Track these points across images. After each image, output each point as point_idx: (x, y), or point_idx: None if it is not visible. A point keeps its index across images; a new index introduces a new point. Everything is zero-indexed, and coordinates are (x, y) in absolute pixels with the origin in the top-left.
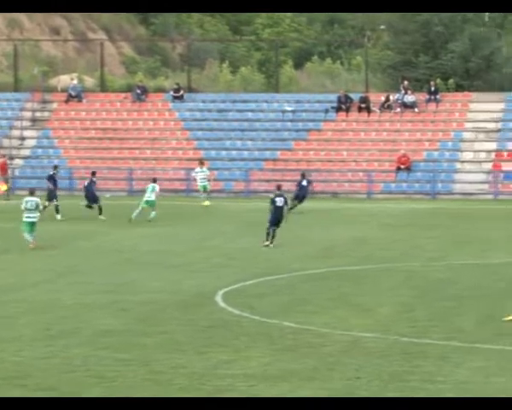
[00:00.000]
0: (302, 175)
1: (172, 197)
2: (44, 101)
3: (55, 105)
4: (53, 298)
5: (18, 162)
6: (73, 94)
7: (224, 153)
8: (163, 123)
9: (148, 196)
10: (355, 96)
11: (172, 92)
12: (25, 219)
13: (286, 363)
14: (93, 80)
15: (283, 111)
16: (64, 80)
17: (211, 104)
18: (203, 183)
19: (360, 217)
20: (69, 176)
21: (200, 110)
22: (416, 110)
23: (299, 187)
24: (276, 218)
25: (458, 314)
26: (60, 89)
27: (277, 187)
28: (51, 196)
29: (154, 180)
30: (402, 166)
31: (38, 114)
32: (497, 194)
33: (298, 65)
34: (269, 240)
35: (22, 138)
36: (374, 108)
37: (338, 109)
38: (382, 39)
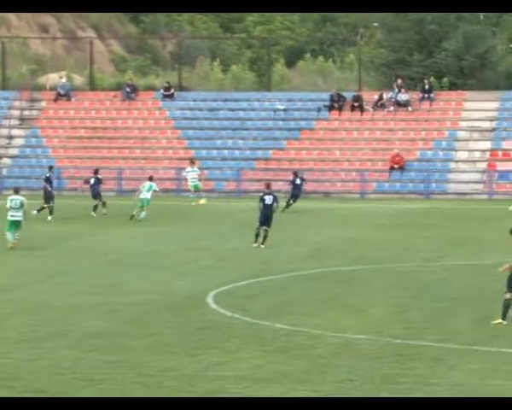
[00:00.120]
0: (295, 174)
1: (163, 197)
2: (33, 99)
3: (44, 104)
4: (41, 299)
5: (6, 162)
6: (62, 92)
7: (215, 152)
8: (153, 122)
9: (144, 196)
10: (348, 94)
11: (163, 91)
12: (9, 217)
13: (277, 365)
14: (82, 79)
15: (275, 110)
16: (53, 79)
17: (202, 103)
18: (194, 182)
19: (353, 217)
20: (58, 176)
21: (190, 109)
22: (410, 109)
23: (293, 186)
24: (266, 216)
25: (452, 316)
26: (48, 87)
27: (267, 185)
28: (48, 197)
29: (151, 178)
30: (395, 165)
31: (27, 113)
32: (492, 194)
33: (290, 63)
34: (257, 241)
35: (10, 137)
36: (367, 107)
37: (330, 108)
38: (375, 37)
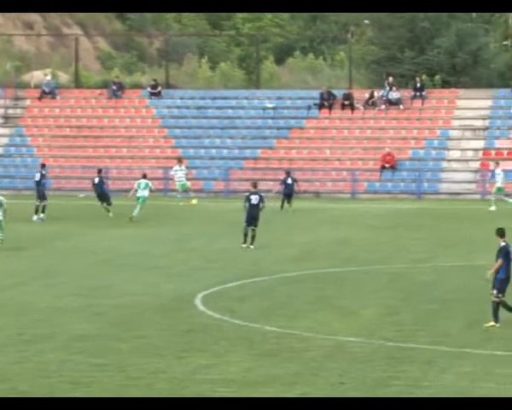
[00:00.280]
0: (287, 173)
1: (150, 197)
2: (17, 97)
3: (28, 102)
4: (27, 301)
5: None
6: (47, 90)
7: (203, 151)
8: (140, 120)
9: (141, 193)
10: (338, 92)
11: (150, 89)
12: None
13: (267, 368)
14: (67, 76)
15: (264, 108)
16: (37, 76)
17: (189, 101)
18: (181, 181)
19: (344, 217)
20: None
21: (178, 107)
22: (402, 107)
23: (284, 185)
24: (252, 216)
25: (444, 318)
26: (33, 85)
27: (253, 185)
28: (42, 196)
29: (145, 176)
30: (387, 164)
31: (11, 111)
32: (485, 194)
33: (279, 61)
34: (246, 241)
35: None
36: (357, 105)
37: (321, 106)
38: (366, 34)
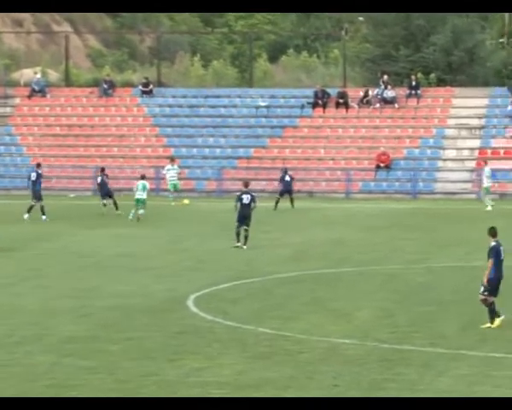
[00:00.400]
0: (284, 171)
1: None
2: (6, 96)
3: (18, 100)
4: (15, 303)
5: None
6: (37, 89)
7: (196, 151)
8: (131, 119)
9: (140, 195)
10: (332, 91)
11: (141, 87)
12: None
13: (261, 371)
14: (57, 74)
15: (257, 107)
16: (27, 74)
17: (181, 99)
18: (173, 181)
19: (338, 217)
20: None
21: (170, 106)
22: (396, 106)
23: (282, 183)
24: (243, 216)
25: (440, 319)
26: (22, 83)
27: (244, 184)
28: (39, 196)
29: (143, 177)
30: (381, 164)
31: (0, 110)
32: (481, 194)
33: (272, 58)
34: (240, 241)
35: None
36: (352, 104)
37: (314, 105)
38: (361, 32)
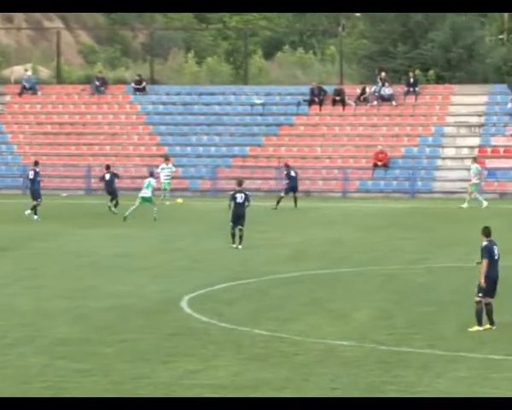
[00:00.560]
0: (287, 166)
1: (134, 196)
2: None
3: (8, 98)
4: (8, 304)
5: None
6: (28, 86)
7: (190, 149)
8: (124, 117)
9: (144, 193)
10: (329, 88)
11: (134, 84)
12: None
13: (256, 373)
14: (49, 71)
15: (252, 104)
16: (18, 71)
17: (175, 97)
18: (167, 180)
19: (335, 217)
20: (23, 174)
21: (163, 103)
22: (394, 103)
23: (288, 179)
24: (238, 215)
25: (439, 321)
26: (13, 80)
27: (238, 183)
28: (37, 194)
29: (151, 174)
30: (379, 162)
31: None
32: (481, 192)
33: (268, 55)
34: (235, 242)
35: None
36: (349, 101)
37: (311, 102)
38: (358, 28)
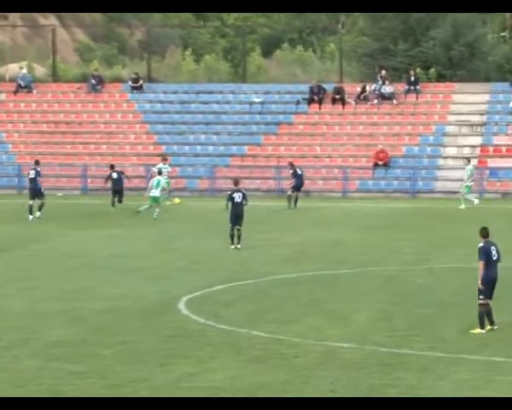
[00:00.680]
0: (292, 165)
1: (131, 196)
2: None
3: (3, 96)
4: (3, 305)
5: None
6: (23, 84)
7: (187, 148)
8: (120, 116)
9: (154, 192)
10: (328, 86)
11: (131, 82)
12: None
13: (255, 376)
14: (44, 69)
15: (251, 103)
16: (12, 69)
17: (172, 95)
18: (167, 180)
19: (335, 217)
20: (18, 173)
21: (160, 102)
22: (395, 102)
23: (295, 177)
24: (236, 215)
25: (440, 322)
26: (8, 78)
27: (235, 182)
28: (38, 194)
29: (160, 172)
30: (380, 162)
31: None
32: (483, 192)
33: (267, 53)
34: (234, 243)
35: None
36: (349, 100)
37: (310, 101)
38: (358, 25)
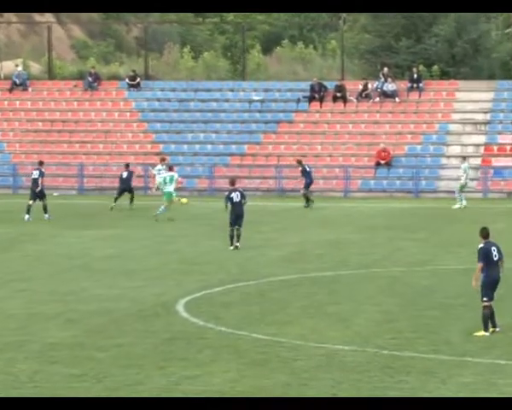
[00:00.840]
0: (299, 162)
1: (128, 196)
2: None
3: None
4: None
5: None
6: (18, 82)
7: (186, 147)
8: (117, 114)
9: (166, 189)
10: (330, 84)
11: (128, 80)
12: None
13: (255, 379)
14: (40, 67)
15: (251, 101)
16: (7, 67)
17: (170, 93)
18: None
19: (336, 217)
20: (13, 173)
21: (158, 100)
22: (397, 100)
23: (305, 175)
24: (237, 215)
25: (444, 325)
26: (3, 76)
27: (231, 182)
28: (39, 194)
29: (171, 168)
30: (382, 161)
31: None
32: (487, 192)
33: (267, 50)
34: (233, 244)
35: None
36: (350, 98)
37: (311, 99)
38: (359, 21)
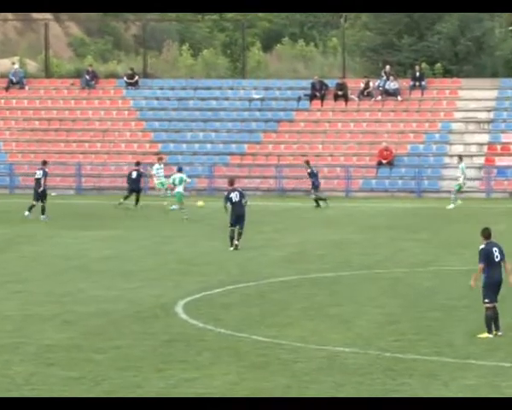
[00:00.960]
0: (307, 162)
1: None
2: None
3: None
4: None
5: None
6: (15, 80)
7: (185, 146)
8: (115, 113)
9: (177, 189)
10: (331, 82)
11: (126, 78)
12: None
13: (255, 382)
14: (36, 64)
15: (251, 99)
16: (4, 65)
17: (169, 91)
18: (160, 180)
19: (337, 217)
20: (9, 172)
21: (157, 98)
22: (400, 98)
23: (312, 176)
24: (237, 215)
25: (447, 326)
26: None
27: (230, 182)
28: (42, 194)
29: (180, 169)
30: (384, 160)
31: None
32: (490, 192)
33: (267, 48)
34: (233, 245)
35: None
36: (352, 96)
37: (312, 97)
38: (361, 19)
